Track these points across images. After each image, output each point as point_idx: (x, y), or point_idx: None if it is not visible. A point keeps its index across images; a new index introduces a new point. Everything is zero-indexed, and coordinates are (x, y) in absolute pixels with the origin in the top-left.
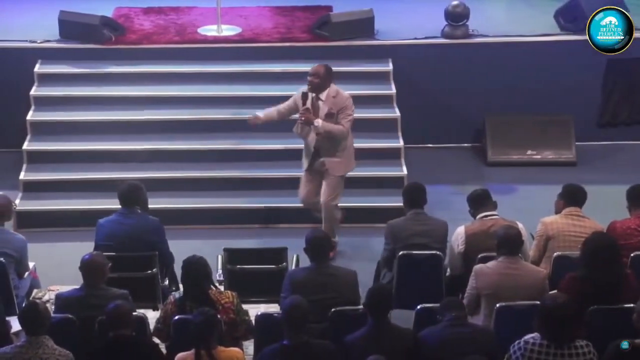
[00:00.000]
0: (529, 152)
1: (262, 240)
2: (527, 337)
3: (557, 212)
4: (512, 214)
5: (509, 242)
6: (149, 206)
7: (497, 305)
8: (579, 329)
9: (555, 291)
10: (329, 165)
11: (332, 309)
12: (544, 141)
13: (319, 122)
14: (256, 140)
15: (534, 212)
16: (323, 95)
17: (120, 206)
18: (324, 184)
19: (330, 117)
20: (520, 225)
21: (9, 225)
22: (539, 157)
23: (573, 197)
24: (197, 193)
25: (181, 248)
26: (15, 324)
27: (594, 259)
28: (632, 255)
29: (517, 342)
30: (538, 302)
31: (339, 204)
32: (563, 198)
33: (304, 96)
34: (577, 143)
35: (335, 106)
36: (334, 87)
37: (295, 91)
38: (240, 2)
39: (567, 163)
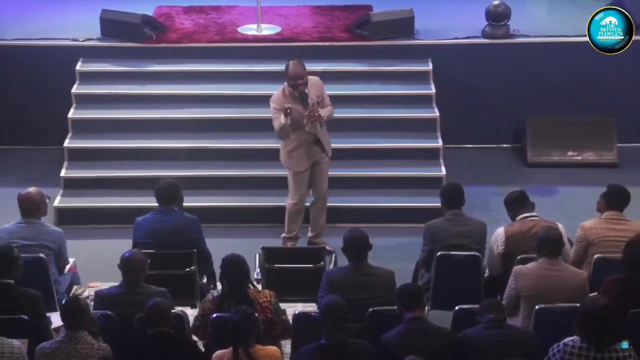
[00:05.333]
0: (570, 153)
1: (300, 239)
2: (567, 339)
3: (599, 210)
4: (552, 216)
5: (549, 244)
6: (188, 204)
7: (537, 307)
8: (620, 331)
9: (595, 294)
10: (327, 148)
11: (370, 309)
12: (586, 142)
13: (322, 112)
14: None
15: (574, 213)
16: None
17: (157, 204)
18: (319, 173)
19: (318, 104)
20: (560, 227)
21: (46, 220)
22: (580, 158)
23: (615, 200)
24: (236, 191)
25: (219, 246)
26: (55, 320)
27: (636, 262)
28: None
29: (556, 344)
30: (578, 305)
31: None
32: (605, 199)
33: (298, 97)
34: (619, 145)
35: (317, 92)
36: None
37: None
38: (280, 1)
39: (609, 164)
